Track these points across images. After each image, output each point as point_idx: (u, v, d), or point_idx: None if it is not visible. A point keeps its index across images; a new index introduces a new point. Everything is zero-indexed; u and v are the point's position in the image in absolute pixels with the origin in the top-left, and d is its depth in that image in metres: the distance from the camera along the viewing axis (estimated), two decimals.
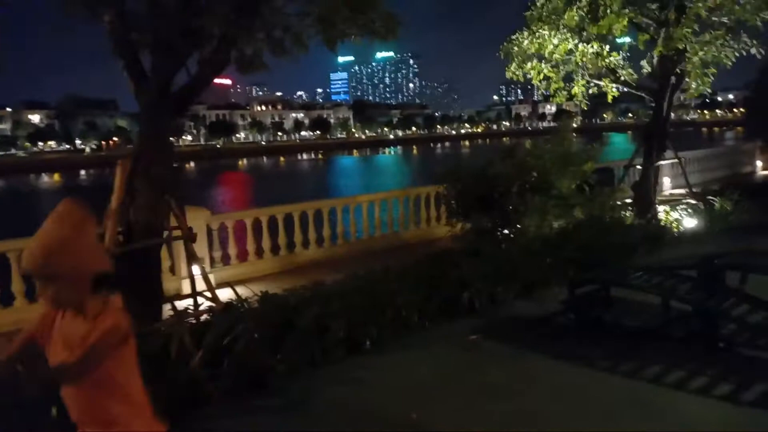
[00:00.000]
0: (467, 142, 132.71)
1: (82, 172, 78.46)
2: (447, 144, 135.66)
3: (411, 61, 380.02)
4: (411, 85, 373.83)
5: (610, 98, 10.78)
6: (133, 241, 5.26)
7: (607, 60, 10.12)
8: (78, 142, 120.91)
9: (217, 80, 6.28)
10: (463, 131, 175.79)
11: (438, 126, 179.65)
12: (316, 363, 4.85)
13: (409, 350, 5.24)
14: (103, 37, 5.20)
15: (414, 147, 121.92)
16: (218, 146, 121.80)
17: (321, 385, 4.58)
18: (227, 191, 45.38)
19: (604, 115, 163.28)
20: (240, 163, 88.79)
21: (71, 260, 1.83)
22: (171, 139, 5.86)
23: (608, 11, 8.97)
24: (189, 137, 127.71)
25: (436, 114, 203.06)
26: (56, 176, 74.05)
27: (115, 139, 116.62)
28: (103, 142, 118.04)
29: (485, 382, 4.53)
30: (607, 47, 10.17)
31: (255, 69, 5.63)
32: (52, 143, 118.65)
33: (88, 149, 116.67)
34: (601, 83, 10.63)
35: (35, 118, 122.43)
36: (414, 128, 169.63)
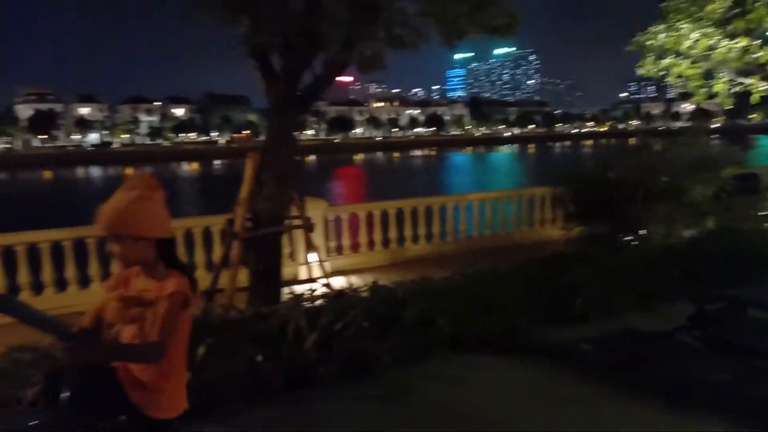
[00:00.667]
0: (589, 142, 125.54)
1: (217, 162, 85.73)
2: (567, 143, 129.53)
3: (531, 57, 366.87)
4: (531, 81, 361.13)
5: (757, 98, 9.62)
6: (259, 228, 5.74)
7: (756, 55, 9.06)
8: (214, 134, 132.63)
9: (338, 78, 6.59)
10: (584, 130, 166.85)
11: (558, 124, 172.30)
12: (419, 357, 4.92)
13: (513, 353, 5.13)
14: (239, 40, 5.70)
15: (530, 145, 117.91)
16: (336, 141, 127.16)
17: (422, 379, 4.64)
18: (343, 184, 47.19)
19: (751, 116, 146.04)
20: (355, 157, 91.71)
21: (135, 222, 2.02)
22: (295, 134, 6.28)
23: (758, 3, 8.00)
24: (311, 132, 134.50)
25: (556, 112, 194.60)
26: (194, 165, 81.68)
27: (246, 132, 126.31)
28: (235, 135, 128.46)
29: (591, 394, 4.34)
30: (758, 41, 9.10)
31: (374, 69, 5.84)
32: (192, 135, 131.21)
33: (222, 141, 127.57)
34: (748, 81, 9.56)
35: (179, 111, 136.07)
36: (533, 126, 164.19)
